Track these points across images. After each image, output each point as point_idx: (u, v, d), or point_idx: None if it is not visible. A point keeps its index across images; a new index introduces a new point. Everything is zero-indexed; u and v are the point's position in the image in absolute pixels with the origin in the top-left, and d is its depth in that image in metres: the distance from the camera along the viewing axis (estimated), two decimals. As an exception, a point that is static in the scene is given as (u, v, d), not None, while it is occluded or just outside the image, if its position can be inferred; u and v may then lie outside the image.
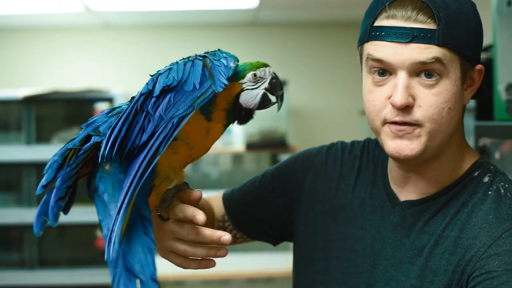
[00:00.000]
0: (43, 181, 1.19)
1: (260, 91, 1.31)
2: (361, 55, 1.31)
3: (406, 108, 1.23)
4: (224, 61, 1.24)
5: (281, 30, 5.67)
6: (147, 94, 1.19)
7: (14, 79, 5.55)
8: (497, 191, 1.27)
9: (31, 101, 4.83)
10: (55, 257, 5.27)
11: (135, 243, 1.17)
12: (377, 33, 1.24)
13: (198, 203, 1.28)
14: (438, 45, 1.21)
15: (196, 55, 1.26)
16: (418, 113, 1.23)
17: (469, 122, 2.33)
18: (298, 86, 5.57)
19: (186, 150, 1.25)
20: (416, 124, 1.24)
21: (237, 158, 5.50)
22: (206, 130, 1.27)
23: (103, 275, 5.10)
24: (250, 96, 1.30)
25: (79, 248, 5.24)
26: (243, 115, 1.32)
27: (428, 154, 1.26)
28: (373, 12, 1.26)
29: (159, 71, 1.24)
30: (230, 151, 5.23)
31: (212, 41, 5.57)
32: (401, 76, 1.23)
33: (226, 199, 1.57)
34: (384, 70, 1.25)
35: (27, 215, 4.76)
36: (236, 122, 1.33)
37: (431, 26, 1.21)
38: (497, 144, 2.18)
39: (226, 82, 1.20)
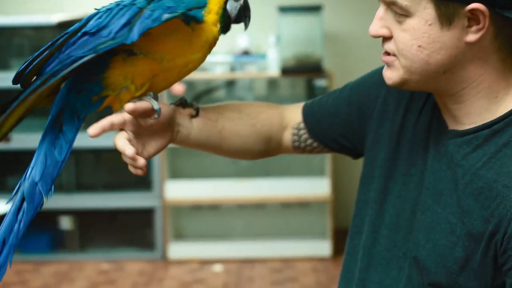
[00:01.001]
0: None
1: (238, 4, 1.39)
2: None
3: (386, 39, 1.27)
4: (157, 12, 1.26)
5: (317, -47, 5.57)
6: (76, 30, 1.28)
7: (47, 4, 5.53)
8: None
9: (64, 26, 4.82)
10: (91, 181, 5.35)
11: (41, 152, 1.34)
12: None
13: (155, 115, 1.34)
14: None
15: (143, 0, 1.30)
16: (391, 45, 1.26)
17: None
18: (334, 10, 5.49)
19: (151, 64, 1.31)
20: (395, 56, 1.26)
21: (272, 83, 5.48)
22: (189, 39, 1.33)
23: (137, 199, 5.18)
24: (233, 6, 1.39)
25: (115, 172, 5.31)
26: (228, 22, 1.40)
27: (415, 86, 1.28)
28: None
29: (102, 8, 1.31)
30: (265, 76, 5.20)
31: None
32: (380, 7, 1.26)
33: (305, 108, 1.59)
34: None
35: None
36: (224, 30, 1.40)
37: None
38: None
39: (136, 37, 1.23)
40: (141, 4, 1.27)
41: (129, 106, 1.30)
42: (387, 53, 1.28)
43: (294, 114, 1.59)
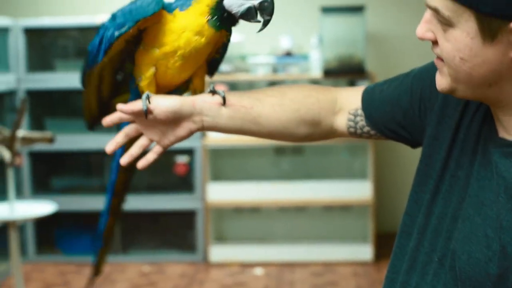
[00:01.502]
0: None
1: (247, 3, 1.42)
2: None
3: (434, 43, 1.24)
4: (110, 31, 1.46)
5: (360, -47, 5.52)
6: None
7: (92, 6, 5.58)
8: None
9: (108, 28, 4.85)
10: (134, 183, 5.36)
11: None
12: None
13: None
14: None
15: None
16: (438, 51, 1.23)
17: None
18: (376, 11, 5.45)
19: (148, 54, 1.48)
20: (443, 61, 1.23)
21: (314, 84, 5.45)
22: (170, 27, 1.45)
23: (179, 201, 5.18)
24: (236, 2, 1.42)
25: (158, 174, 5.32)
26: (225, 17, 1.43)
27: (464, 95, 1.24)
28: None
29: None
30: (308, 77, 5.17)
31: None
32: (427, 11, 1.23)
33: (365, 93, 1.54)
34: None
35: (107, 141, 4.82)
36: (221, 24, 1.45)
37: None
38: None
39: (101, 59, 1.49)
40: (108, 23, 1.48)
41: (119, 106, 1.48)
42: (439, 57, 1.25)
43: (352, 98, 1.55)
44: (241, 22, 1.46)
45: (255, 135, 1.56)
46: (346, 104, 1.55)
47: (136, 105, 1.46)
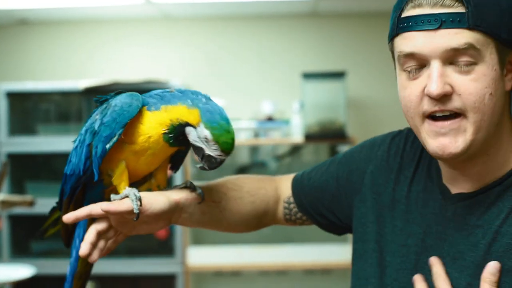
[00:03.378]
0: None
1: (202, 145, 1.39)
2: (392, 52, 1.27)
3: (445, 98, 1.18)
4: (100, 146, 1.40)
5: (340, 21, 5.61)
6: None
7: (74, 71, 5.62)
8: None
9: (91, 92, 4.88)
10: (114, 246, 5.32)
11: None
12: (405, 24, 1.20)
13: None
14: (469, 28, 1.15)
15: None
16: (458, 101, 1.18)
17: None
18: (357, 77, 5.52)
19: (118, 150, 1.42)
20: (460, 115, 1.18)
21: (296, 150, 5.48)
22: (139, 128, 1.41)
23: (160, 265, 5.14)
24: (194, 136, 1.39)
25: (138, 237, 5.29)
26: (180, 139, 1.40)
27: (474, 148, 1.21)
28: (400, 4, 1.23)
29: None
30: (289, 142, 5.21)
31: (271, 32, 5.56)
32: (435, 65, 1.18)
33: (294, 181, 1.58)
34: (418, 66, 1.20)
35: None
36: (174, 142, 1.43)
37: (459, 9, 1.16)
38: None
39: (97, 177, 1.43)
40: (88, 139, 1.42)
41: (105, 206, 1.33)
42: (448, 118, 1.20)
43: (285, 186, 1.59)
44: (224, 85, 1.47)
45: (216, 228, 1.56)
46: (283, 192, 1.59)
47: (124, 205, 1.35)
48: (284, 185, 1.60)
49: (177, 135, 1.40)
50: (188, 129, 1.38)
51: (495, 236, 1.21)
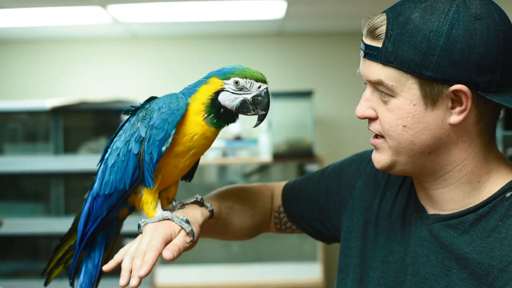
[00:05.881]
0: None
1: (240, 97, 1.39)
2: None
3: (371, 119, 1.26)
4: (155, 151, 1.35)
5: (307, 41, 5.66)
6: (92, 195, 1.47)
7: (41, 90, 5.59)
8: None
9: (58, 111, 4.86)
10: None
11: None
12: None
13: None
14: (382, 63, 1.20)
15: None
16: (378, 125, 1.25)
17: (497, 132, 2.30)
18: (325, 96, 5.56)
19: (164, 156, 1.37)
20: (383, 137, 1.26)
21: (263, 168, 5.50)
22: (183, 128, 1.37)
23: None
24: (228, 97, 1.38)
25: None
26: (223, 113, 1.38)
27: (405, 168, 1.26)
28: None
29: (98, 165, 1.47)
30: (257, 161, 5.22)
31: (238, 51, 5.58)
32: (367, 89, 1.26)
33: (284, 191, 1.60)
34: None
35: (55, 225, 4.78)
36: (219, 121, 1.40)
37: (379, 43, 1.21)
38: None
39: (152, 184, 1.38)
40: (136, 149, 1.37)
41: (168, 255, 1.38)
42: (376, 136, 1.28)
43: (277, 196, 1.61)
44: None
45: (215, 239, 1.62)
46: (274, 201, 1.62)
47: (183, 237, 1.38)
48: (276, 193, 1.62)
49: (216, 111, 1.38)
50: (220, 97, 1.38)
51: (465, 263, 1.22)
